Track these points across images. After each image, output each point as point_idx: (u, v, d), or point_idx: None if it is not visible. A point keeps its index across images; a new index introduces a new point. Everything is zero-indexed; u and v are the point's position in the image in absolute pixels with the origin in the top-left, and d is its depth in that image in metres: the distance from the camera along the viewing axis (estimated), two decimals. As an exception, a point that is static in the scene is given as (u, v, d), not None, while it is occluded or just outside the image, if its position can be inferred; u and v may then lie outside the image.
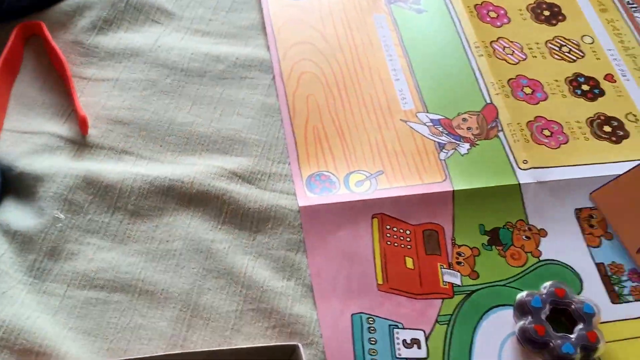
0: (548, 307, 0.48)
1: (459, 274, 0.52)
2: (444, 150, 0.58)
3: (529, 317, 0.47)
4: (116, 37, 0.64)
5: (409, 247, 0.53)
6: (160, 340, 0.47)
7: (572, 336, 0.47)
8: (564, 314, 0.48)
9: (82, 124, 0.56)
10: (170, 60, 0.63)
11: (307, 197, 0.55)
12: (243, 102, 0.61)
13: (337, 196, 0.55)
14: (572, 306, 0.48)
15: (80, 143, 0.56)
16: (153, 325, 0.48)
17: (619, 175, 0.49)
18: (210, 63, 0.63)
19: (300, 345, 0.45)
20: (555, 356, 0.46)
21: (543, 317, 0.47)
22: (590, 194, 0.49)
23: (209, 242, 0.52)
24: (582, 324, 0.47)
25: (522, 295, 0.49)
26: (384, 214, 0.54)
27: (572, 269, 0.53)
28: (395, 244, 0.53)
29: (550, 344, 0.46)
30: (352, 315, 0.50)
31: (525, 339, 0.47)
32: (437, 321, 0.50)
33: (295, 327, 0.48)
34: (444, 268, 0.52)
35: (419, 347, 0.48)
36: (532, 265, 0.53)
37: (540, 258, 0.53)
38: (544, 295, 0.48)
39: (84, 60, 0.62)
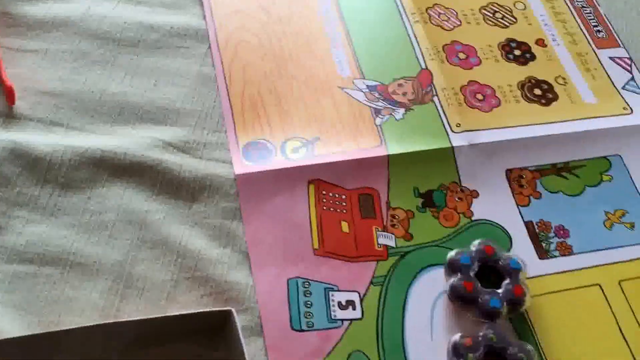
0: (477, 265, 0.49)
1: (393, 236, 0.53)
2: (379, 115, 0.59)
3: (459, 275, 0.49)
4: (45, 7, 0.62)
5: (344, 211, 0.54)
6: (92, 311, 0.47)
7: (499, 291, 0.48)
8: (493, 270, 0.50)
9: (8, 95, 0.54)
10: (102, 30, 0.61)
11: (244, 165, 0.55)
12: (178, 72, 0.60)
13: (273, 163, 0.55)
14: (500, 262, 0.49)
15: (7, 114, 0.55)
16: (85, 298, 0.47)
17: None
18: (144, 32, 0.62)
19: (233, 310, 0.46)
20: (483, 311, 0.47)
21: (472, 274, 0.49)
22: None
23: (143, 213, 0.52)
24: (509, 279, 0.49)
25: (452, 254, 0.50)
26: (320, 180, 0.55)
27: (503, 227, 0.54)
28: (331, 209, 0.54)
29: (479, 299, 0.47)
30: (288, 280, 0.50)
31: (455, 295, 0.48)
32: (371, 282, 0.51)
33: (231, 294, 0.49)
34: (378, 231, 0.53)
35: (354, 308, 0.49)
36: (465, 225, 0.54)
37: (472, 218, 0.54)
38: (473, 253, 0.50)
39: (11, 31, 0.60)
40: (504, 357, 0.46)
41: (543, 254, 0.53)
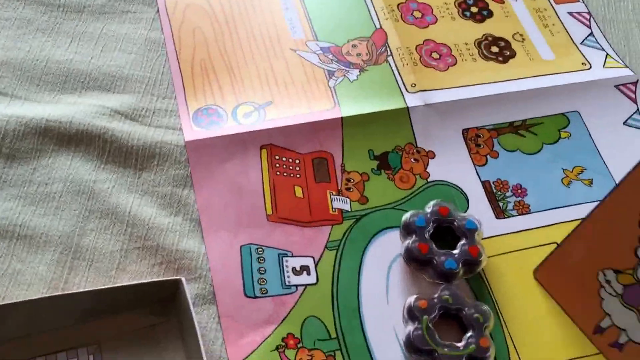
0: (432, 226, 0.49)
1: (348, 199, 0.52)
2: (333, 77, 0.58)
3: (414, 237, 0.48)
4: (-16, -27, 0.59)
5: (298, 176, 0.53)
6: (40, 284, 0.46)
7: (455, 252, 0.48)
8: (449, 231, 0.49)
9: (-56, 66, 0.52)
10: (45, -5, 0.59)
11: (194, 132, 0.53)
12: (125, 38, 0.58)
13: (224, 129, 0.54)
14: (455, 223, 0.49)
15: (-56, 86, 0.53)
16: (32, 270, 0.46)
17: (557, 247, 0.46)
18: (89, -3, 0.60)
19: (183, 279, 0.45)
20: (438, 272, 0.47)
21: (427, 235, 0.48)
22: (534, 273, 0.47)
23: (91, 183, 0.50)
24: (464, 239, 0.48)
25: (406, 216, 0.49)
26: (272, 145, 0.54)
27: (459, 188, 0.53)
28: (285, 174, 0.53)
29: (434, 261, 0.47)
30: (241, 246, 0.49)
31: (410, 257, 0.48)
32: (326, 247, 0.50)
33: (183, 262, 0.48)
34: (333, 195, 0.52)
35: (309, 274, 0.49)
36: (421, 187, 0.53)
37: (429, 180, 0.54)
38: (428, 215, 0.49)
39: (-51, -1, 0.57)
40: (460, 318, 0.46)
41: (500, 213, 0.53)
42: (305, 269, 0.49)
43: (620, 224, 0.42)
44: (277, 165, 0.53)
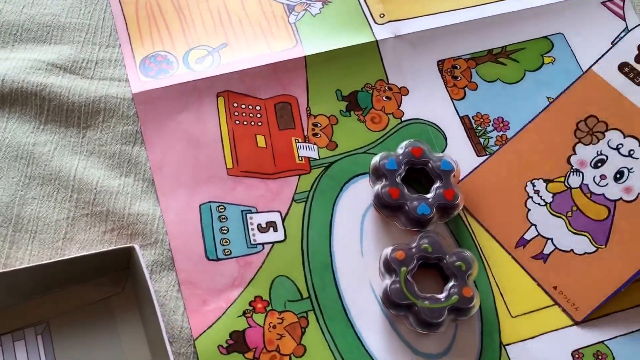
0: (404, 169, 0.44)
1: (315, 146, 0.48)
2: (293, 12, 0.52)
3: (384, 181, 0.44)
4: None
5: (259, 124, 0.48)
6: (-22, 262, 0.42)
7: (429, 196, 0.44)
8: (424, 174, 0.45)
9: None
10: (-34, -61, 0.53)
11: (142, 82, 0.48)
12: (60, -18, 0.52)
13: (175, 77, 0.49)
14: (430, 165, 0.45)
15: None
16: (-31, 247, 0.42)
17: (477, 166, 0.45)
18: (18, -61, 0.54)
19: (136, 246, 0.41)
20: (411, 219, 0.43)
21: (398, 179, 0.44)
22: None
23: (30, 146, 0.46)
24: (439, 182, 0.44)
25: (376, 159, 0.45)
26: (230, 91, 0.49)
27: (436, 125, 0.49)
28: (245, 123, 0.48)
29: (406, 206, 0.43)
30: (200, 205, 0.45)
31: (380, 204, 0.44)
32: (293, 200, 0.46)
33: (136, 227, 0.44)
34: (299, 142, 0.48)
35: (276, 230, 0.45)
36: (394, 127, 0.49)
37: (403, 119, 0.49)
38: (399, 157, 0.45)
39: None
40: (441, 267, 0.42)
41: (481, 150, 0.48)
42: (271, 225, 0.45)
43: (556, 133, 0.43)
44: (236, 113, 0.48)
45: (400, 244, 0.43)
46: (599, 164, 0.44)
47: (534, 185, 0.44)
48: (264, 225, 0.45)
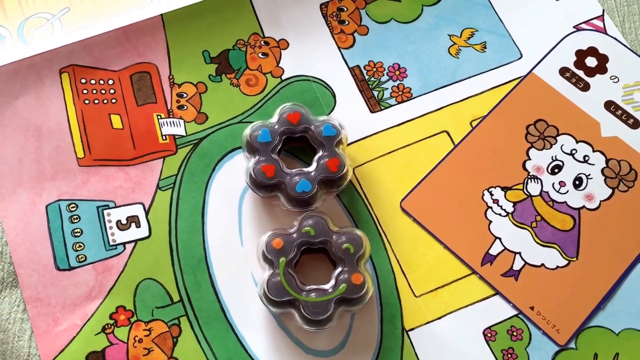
0: (280, 140, 0.38)
1: (182, 121, 0.41)
2: (147, -38, 0.44)
3: (257, 157, 0.37)
4: None
5: (114, 101, 0.41)
6: None
7: (310, 170, 0.37)
8: (306, 142, 0.39)
9: None
10: None
11: (-31, 65, 0.41)
12: None
13: (7, 54, 0.41)
14: (311, 132, 0.38)
15: None
16: None
17: (425, 177, 0.39)
18: None
19: (-42, 268, 0.34)
20: (291, 198, 0.37)
21: (274, 154, 0.37)
22: (400, 203, 0.39)
23: None
24: (322, 151, 0.38)
25: (247, 131, 0.38)
26: (75, 65, 0.41)
27: (322, 81, 0.42)
28: (96, 101, 0.41)
29: (284, 184, 0.37)
30: (47, 206, 0.38)
31: (254, 184, 0.37)
32: (158, 187, 0.39)
33: (-30, 240, 0.37)
34: (162, 118, 0.41)
35: (138, 225, 0.38)
36: (274, 88, 0.42)
37: (283, 77, 0.42)
38: (275, 126, 0.38)
39: None
40: (327, 251, 0.37)
41: (375, 105, 0.42)
42: (133, 220, 0.39)
43: (506, 138, 0.40)
44: (85, 91, 0.41)
45: (278, 230, 0.37)
46: (556, 170, 0.40)
47: (491, 194, 0.39)
48: (124, 222, 0.38)
